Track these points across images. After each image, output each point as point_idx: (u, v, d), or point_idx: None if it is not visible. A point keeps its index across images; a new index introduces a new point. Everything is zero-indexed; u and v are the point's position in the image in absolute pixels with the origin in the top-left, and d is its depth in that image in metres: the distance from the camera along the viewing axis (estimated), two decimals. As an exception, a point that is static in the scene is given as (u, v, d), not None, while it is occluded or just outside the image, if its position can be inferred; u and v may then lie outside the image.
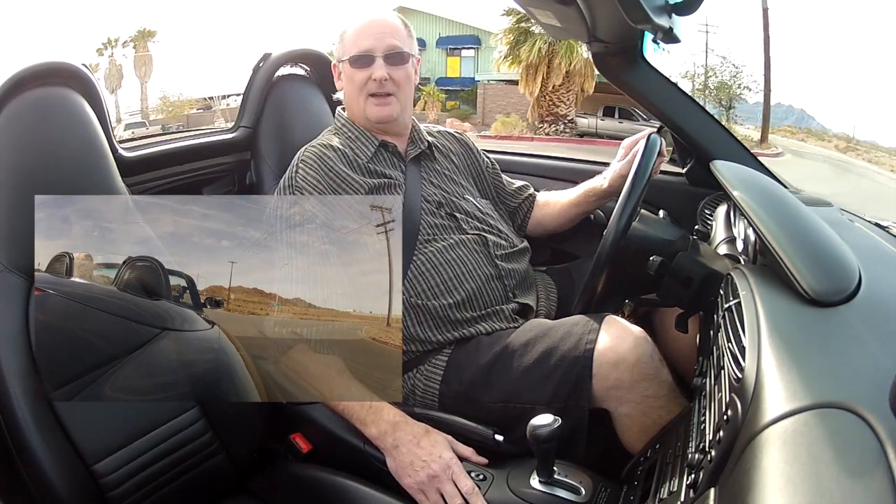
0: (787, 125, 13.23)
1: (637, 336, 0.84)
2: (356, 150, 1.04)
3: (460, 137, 1.22)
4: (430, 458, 0.79)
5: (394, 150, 1.07)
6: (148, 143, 1.29)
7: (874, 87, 17.46)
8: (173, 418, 0.81)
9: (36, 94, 0.83)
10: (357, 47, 1.02)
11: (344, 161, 1.01)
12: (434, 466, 0.78)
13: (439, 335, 0.95)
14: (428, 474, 0.78)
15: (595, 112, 15.24)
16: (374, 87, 1.02)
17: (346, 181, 0.99)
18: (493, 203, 1.18)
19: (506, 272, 1.02)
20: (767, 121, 13.89)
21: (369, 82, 1.02)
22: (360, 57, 1.01)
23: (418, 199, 1.02)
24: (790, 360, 0.47)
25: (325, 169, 0.99)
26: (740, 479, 0.40)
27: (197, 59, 22.92)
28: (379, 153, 1.06)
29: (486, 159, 1.23)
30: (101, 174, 0.86)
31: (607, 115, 15.29)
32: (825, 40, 22.95)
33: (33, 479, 0.71)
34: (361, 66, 1.02)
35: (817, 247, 0.63)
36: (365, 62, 1.01)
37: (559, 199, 1.24)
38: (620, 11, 0.77)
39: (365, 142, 1.05)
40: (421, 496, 0.79)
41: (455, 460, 0.79)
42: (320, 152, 1.01)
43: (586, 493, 0.74)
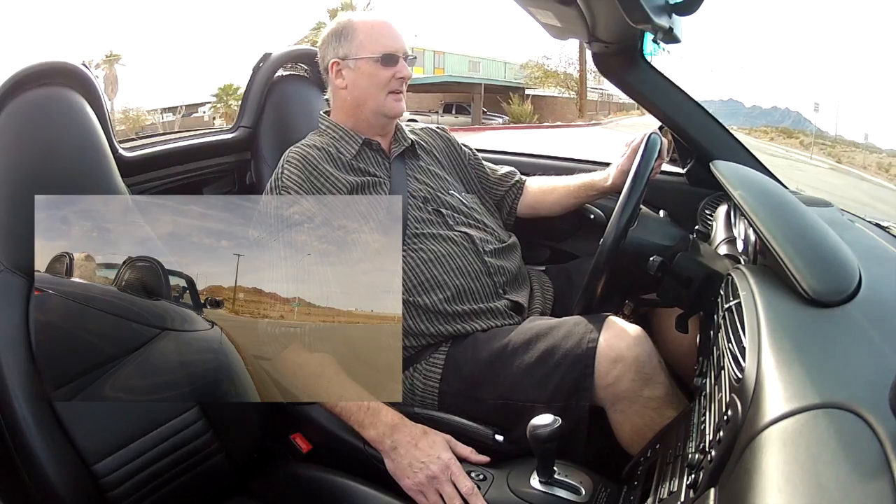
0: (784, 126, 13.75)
1: (636, 335, 0.84)
2: (340, 149, 1.07)
3: (441, 133, 1.24)
4: (428, 460, 0.79)
5: (377, 149, 1.09)
6: (148, 143, 1.29)
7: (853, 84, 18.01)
8: (173, 418, 0.81)
9: (36, 94, 0.83)
10: (383, 47, 1.05)
11: (328, 160, 1.04)
12: (433, 468, 0.78)
13: (432, 328, 0.96)
14: (426, 475, 0.78)
15: (436, 109, 19.25)
16: (396, 85, 1.07)
17: (329, 179, 1.01)
18: (479, 197, 1.20)
19: (494, 269, 1.03)
20: (583, 98, 20.88)
21: (392, 80, 1.06)
22: (390, 56, 1.05)
23: (405, 196, 1.04)
24: (790, 360, 0.47)
25: (310, 168, 1.01)
26: (740, 479, 0.40)
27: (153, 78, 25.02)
28: (363, 151, 1.08)
29: (468, 150, 1.25)
30: (101, 174, 0.86)
31: (447, 112, 19.10)
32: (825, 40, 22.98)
33: (33, 479, 0.71)
34: (388, 65, 1.06)
35: (817, 247, 0.63)
36: (392, 61, 1.06)
37: (556, 185, 1.24)
38: (620, 11, 0.77)
39: (349, 140, 1.08)
40: (420, 497, 0.78)
41: (454, 461, 0.79)
42: (304, 152, 1.04)
43: (586, 493, 0.74)
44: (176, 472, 0.81)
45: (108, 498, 0.75)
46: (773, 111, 16.35)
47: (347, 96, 1.09)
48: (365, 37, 1.06)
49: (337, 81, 1.09)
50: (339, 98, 1.11)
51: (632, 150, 1.10)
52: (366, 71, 1.06)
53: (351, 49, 1.06)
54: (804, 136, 12.73)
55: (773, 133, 13.03)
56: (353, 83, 1.07)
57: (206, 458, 0.84)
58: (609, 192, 1.15)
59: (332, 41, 1.08)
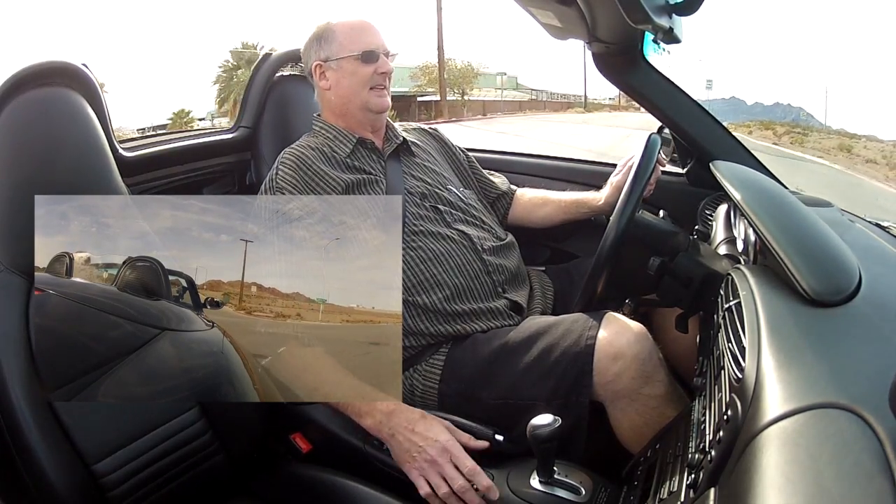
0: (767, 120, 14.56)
1: (637, 332, 0.84)
2: (335, 148, 1.08)
3: (434, 133, 1.26)
4: (426, 443, 0.79)
5: (371, 147, 1.10)
6: (148, 143, 1.28)
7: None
8: (173, 418, 0.81)
9: (36, 94, 0.83)
10: (364, 44, 1.07)
11: (322, 159, 1.05)
12: (431, 451, 0.78)
13: (432, 328, 0.96)
14: (426, 459, 0.78)
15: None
16: (378, 80, 1.08)
17: (324, 179, 1.02)
18: (477, 193, 1.21)
19: (493, 267, 1.03)
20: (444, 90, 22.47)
21: (374, 76, 1.08)
22: (370, 53, 1.07)
23: (402, 193, 1.05)
24: (790, 360, 0.47)
25: (305, 168, 1.02)
26: (740, 478, 0.40)
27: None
28: (357, 150, 1.09)
29: (463, 153, 1.26)
30: (101, 174, 0.86)
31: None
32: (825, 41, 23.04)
33: (33, 479, 0.71)
34: (369, 61, 1.07)
35: (817, 247, 0.63)
36: (373, 58, 1.07)
37: (548, 198, 1.25)
38: (621, 11, 0.77)
39: (343, 139, 1.09)
40: (422, 482, 0.78)
41: (452, 442, 0.79)
42: (299, 153, 1.05)
43: (586, 493, 0.74)
44: (176, 472, 0.81)
45: (109, 498, 0.75)
46: (775, 107, 16.57)
47: (332, 96, 1.10)
48: (344, 37, 1.08)
49: (321, 83, 1.11)
50: (325, 99, 1.13)
51: (627, 168, 1.11)
52: (348, 69, 1.08)
53: (332, 50, 1.08)
54: (779, 127, 13.36)
55: (752, 126, 13.66)
56: (337, 83, 1.09)
57: (206, 458, 0.84)
58: (601, 211, 1.17)
59: (313, 45, 1.10)
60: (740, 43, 43.03)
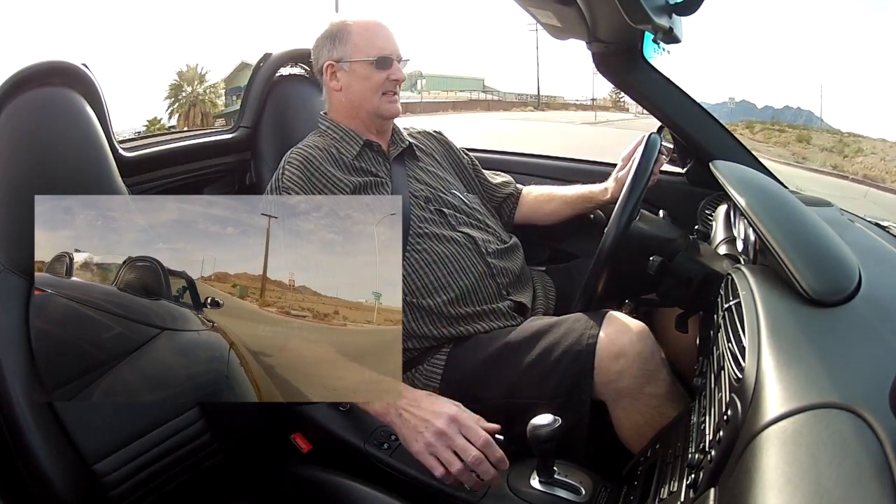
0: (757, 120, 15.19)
1: (639, 331, 0.84)
2: (342, 150, 1.07)
3: (439, 137, 1.25)
4: (432, 416, 0.74)
5: (378, 150, 1.10)
6: (148, 143, 1.28)
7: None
8: (173, 418, 0.82)
9: (36, 94, 0.82)
10: (378, 49, 1.06)
11: (329, 160, 1.04)
12: (438, 423, 0.73)
13: (435, 331, 0.95)
14: (434, 432, 0.72)
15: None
16: (390, 87, 1.08)
17: (330, 181, 1.01)
18: (480, 197, 1.20)
19: (497, 270, 1.03)
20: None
21: (387, 82, 1.07)
22: (384, 59, 1.06)
23: (406, 196, 1.04)
24: (790, 360, 0.47)
25: (312, 169, 1.02)
26: (740, 479, 0.40)
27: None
28: (364, 152, 1.08)
29: (467, 157, 1.25)
30: (101, 174, 0.86)
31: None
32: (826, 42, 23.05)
33: (33, 479, 0.71)
34: (383, 67, 1.06)
35: (817, 247, 0.63)
36: (387, 64, 1.06)
37: (553, 194, 1.25)
38: (620, 11, 0.77)
39: (350, 141, 1.08)
40: (433, 461, 0.72)
41: (462, 412, 0.74)
42: (306, 153, 1.04)
43: (586, 493, 0.74)
44: (176, 472, 0.81)
45: (109, 498, 0.75)
46: (784, 110, 16.83)
47: (343, 98, 1.09)
48: (359, 39, 1.06)
49: (332, 83, 1.10)
50: (334, 100, 1.12)
51: (627, 163, 1.11)
52: (360, 73, 1.07)
53: (346, 51, 1.07)
54: (759, 125, 14.01)
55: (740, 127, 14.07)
56: (348, 85, 1.08)
57: (206, 458, 0.84)
58: (607, 204, 1.16)
59: (326, 43, 1.09)
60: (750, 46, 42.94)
